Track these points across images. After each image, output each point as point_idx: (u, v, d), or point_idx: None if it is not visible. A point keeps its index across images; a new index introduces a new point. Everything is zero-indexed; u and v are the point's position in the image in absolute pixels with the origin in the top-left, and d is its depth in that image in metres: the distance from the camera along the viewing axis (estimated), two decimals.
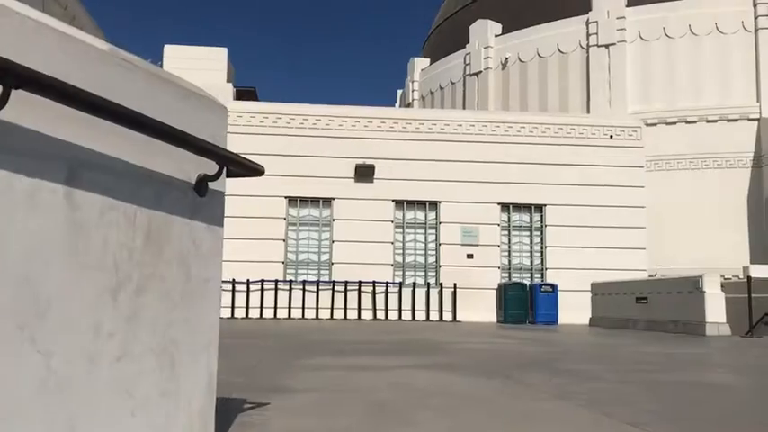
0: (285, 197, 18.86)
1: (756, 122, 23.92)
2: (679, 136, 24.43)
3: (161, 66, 23.32)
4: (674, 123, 24.64)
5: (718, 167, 24.07)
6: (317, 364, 5.55)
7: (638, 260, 19.32)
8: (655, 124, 24.27)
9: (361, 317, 18.29)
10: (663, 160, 24.01)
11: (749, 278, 12.49)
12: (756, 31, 24.11)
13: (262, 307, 18.07)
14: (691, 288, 13.02)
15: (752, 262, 22.76)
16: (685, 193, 23.67)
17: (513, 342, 9.46)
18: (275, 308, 18.10)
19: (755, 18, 23.81)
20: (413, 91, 35.74)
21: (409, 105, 35.86)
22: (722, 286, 13.16)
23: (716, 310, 12.56)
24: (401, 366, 5.50)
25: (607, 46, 25.96)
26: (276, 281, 18.31)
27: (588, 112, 25.52)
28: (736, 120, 24.13)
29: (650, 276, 20.06)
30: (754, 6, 23.73)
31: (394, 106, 40.19)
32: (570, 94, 26.73)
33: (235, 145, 11.56)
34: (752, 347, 9.37)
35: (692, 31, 24.48)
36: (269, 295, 18.22)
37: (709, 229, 23.16)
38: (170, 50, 28.58)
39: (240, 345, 7.54)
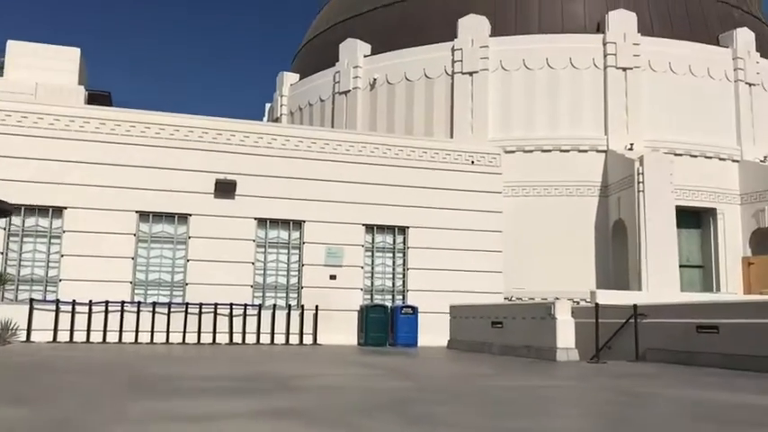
0: (136, 211, 17.63)
1: (604, 154, 25.45)
2: (535, 163, 25.49)
3: (2, 62, 21.23)
4: (531, 151, 25.68)
5: (569, 195, 25.32)
6: (142, 413, 4.90)
7: (495, 283, 19.80)
8: (513, 151, 25.17)
9: (217, 341, 17.37)
10: (520, 186, 24.93)
11: (597, 305, 13.01)
12: (605, 68, 25.74)
13: (105, 330, 16.69)
14: (543, 314, 13.36)
15: (597, 286, 24.09)
16: (540, 219, 24.68)
17: (369, 373, 9.14)
18: (120, 331, 16.79)
19: (605, 56, 25.41)
20: (281, 105, 35.08)
21: (277, 120, 35.17)
22: (572, 312, 13.61)
23: (566, 336, 12.94)
24: (237, 415, 4.96)
25: (471, 73, 26.71)
26: (122, 302, 17.00)
27: (452, 136, 26.08)
28: (586, 150, 25.55)
29: (506, 299, 20.65)
30: (604, 45, 25.31)
31: (262, 120, 39.35)
32: (435, 117, 27.21)
33: (80, 153, 10.74)
34: (597, 376, 9.63)
35: (548, 65, 25.70)
36: (114, 318, 16.87)
37: (561, 254, 24.24)
38: (15, 47, 26.21)
39: (60, 383, 6.69)
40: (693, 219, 25.83)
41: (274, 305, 18.15)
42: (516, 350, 14.09)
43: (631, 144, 25.20)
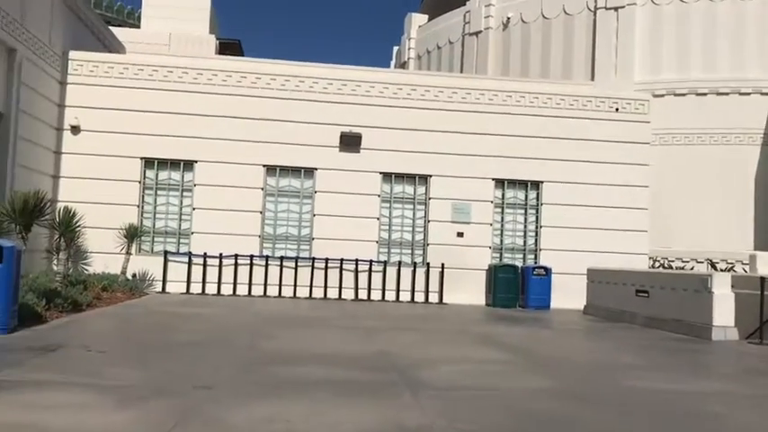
0: (264, 165, 17.51)
1: None
2: (686, 108, 23.05)
3: (140, 14, 21.67)
4: (684, 95, 23.23)
5: (726, 144, 22.76)
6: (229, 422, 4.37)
7: (638, 244, 18.13)
8: (662, 95, 22.85)
9: (342, 296, 17.16)
10: (669, 134, 22.69)
11: (762, 279, 11.32)
12: None
13: (235, 283, 16.90)
14: (698, 286, 11.86)
15: (756, 247, 21.65)
16: (688, 170, 22.42)
17: (502, 359, 8.30)
18: (250, 284, 16.94)
19: None
20: (409, 49, 34.01)
21: (404, 65, 34.18)
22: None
23: (724, 312, 11.42)
24: None
25: (616, 8, 24.34)
26: (251, 256, 17.10)
27: (593, 79, 24.05)
28: (748, 93, 22.74)
29: (650, 259, 18.96)
30: None
31: (389, 65, 38.47)
32: (575, 59, 25.17)
33: (207, 107, 10.33)
34: None
35: None
36: (243, 271, 17.03)
37: (711, 210, 21.97)
38: None
39: (166, 355, 6.39)
40: None
41: (399, 262, 17.63)
42: (663, 323, 12.71)
43: None
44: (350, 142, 17.49)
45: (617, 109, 18.49)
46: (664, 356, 9.26)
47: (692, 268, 19.51)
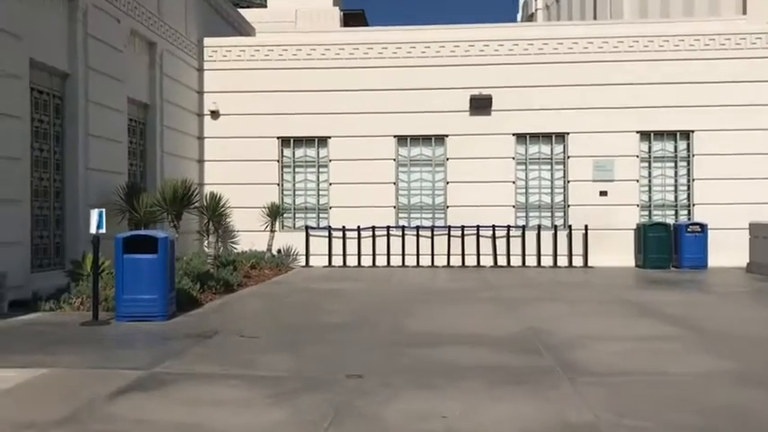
0: (394, 136, 17.40)
1: None
2: None
3: None
4: None
5: None
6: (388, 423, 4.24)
7: None
8: None
9: (481, 263, 16.86)
10: None
11: None
12: None
13: (374, 255, 17.04)
14: None
15: None
16: None
17: (664, 334, 7.70)
18: (388, 255, 17.03)
19: None
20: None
21: (532, 16, 32.74)
22: None
23: None
24: None
25: None
26: (388, 227, 17.16)
27: (744, 12, 21.78)
28: None
29: None
30: None
31: (516, 18, 37.04)
32: None
33: (336, 82, 12.36)
34: None
35: None
36: (381, 242, 17.14)
37: None
38: None
39: (302, 339, 6.42)
40: None
41: (539, 225, 17.00)
42: None
43: None
44: (480, 105, 16.96)
45: None
46: None
47: None
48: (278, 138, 17.55)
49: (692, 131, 16.79)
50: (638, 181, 16.90)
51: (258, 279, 13.78)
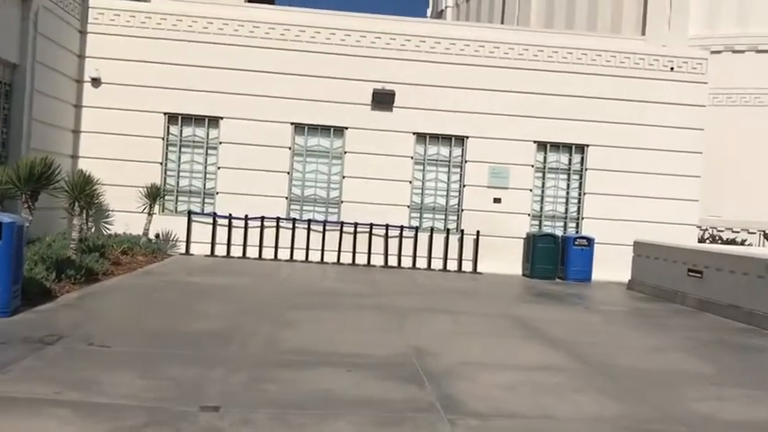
0: (291, 123, 16.58)
1: None
2: (744, 67, 21.43)
3: None
4: (742, 52, 21.57)
5: None
6: None
7: (689, 213, 16.96)
8: (719, 52, 21.23)
9: (371, 262, 16.39)
10: (723, 94, 21.15)
11: None
12: None
13: (261, 246, 16.20)
14: (762, 272, 10.79)
15: None
16: (742, 134, 20.93)
17: (553, 364, 7.44)
18: (276, 248, 16.24)
19: None
20: None
21: (442, 13, 32.59)
22: None
23: None
24: None
25: None
26: (278, 218, 16.35)
27: (644, 33, 22.42)
28: None
29: (699, 229, 17.77)
30: None
31: (425, 13, 36.81)
32: (624, 11, 23.51)
33: (233, 60, 9.68)
34: None
35: None
36: (269, 233, 16.32)
37: None
38: None
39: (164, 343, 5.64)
40: None
41: (432, 228, 16.73)
42: (719, 309, 11.70)
43: None
44: (382, 100, 16.44)
45: (672, 68, 17.07)
46: (733, 359, 8.31)
47: (743, 241, 18.29)
48: (165, 114, 16.30)
49: (587, 146, 17.00)
50: (531, 190, 16.95)
51: (129, 267, 12.64)
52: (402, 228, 16.52)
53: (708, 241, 17.77)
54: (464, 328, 9.04)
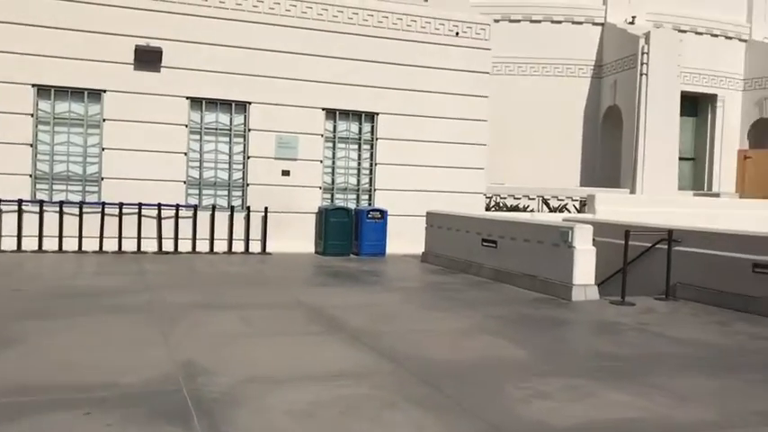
0: (33, 85, 13.70)
1: (601, 27, 22.08)
2: (521, 36, 22.04)
3: None
4: (518, 21, 22.15)
5: (558, 75, 22.16)
6: None
7: (477, 182, 16.90)
8: (497, 20, 21.55)
9: (142, 248, 14.20)
10: (503, 63, 21.57)
11: (627, 233, 10.26)
12: None
13: None
14: (557, 240, 10.57)
15: (582, 183, 21.57)
16: (523, 102, 21.60)
17: (358, 359, 6.25)
18: (19, 237, 13.43)
19: None
20: None
21: None
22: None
23: (586, 270, 10.24)
24: None
25: None
26: (20, 200, 13.50)
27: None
28: (581, 22, 22.12)
29: (485, 197, 17.87)
30: None
31: None
32: None
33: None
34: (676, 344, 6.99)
35: None
36: (9, 219, 13.43)
37: (546, 145, 21.44)
38: None
39: None
40: (691, 105, 23.12)
41: (213, 206, 14.90)
42: (514, 278, 11.42)
43: (633, 17, 21.82)
44: (147, 59, 14.15)
45: (457, 33, 16.75)
46: (542, 338, 7.73)
47: (526, 207, 18.77)
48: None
49: (377, 114, 16.15)
50: (322, 162, 15.77)
51: None
52: (178, 207, 14.50)
53: (494, 209, 17.94)
54: (250, 328, 7.54)
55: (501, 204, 19.00)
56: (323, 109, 15.63)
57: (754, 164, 22.57)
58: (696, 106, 23.30)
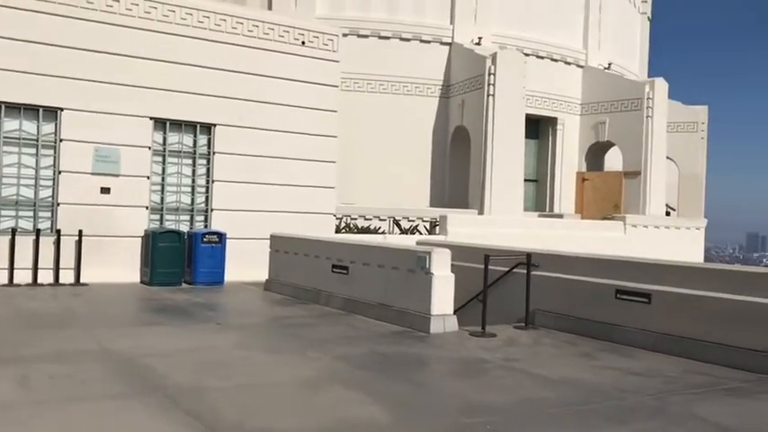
0: None
1: (448, 47, 21.90)
2: (371, 52, 21.32)
3: None
4: (367, 37, 21.41)
5: (407, 94, 21.65)
6: None
7: (327, 202, 15.75)
8: (345, 35, 20.67)
9: None
10: (351, 79, 20.69)
11: (487, 258, 9.50)
12: None
13: None
14: (413, 266, 9.60)
15: (432, 204, 21.15)
16: (373, 121, 20.85)
17: None
18: None
19: None
20: None
21: None
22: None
23: (444, 299, 9.34)
24: None
25: None
26: None
27: (270, 8, 20.85)
28: (429, 41, 21.81)
29: (336, 218, 16.76)
30: None
31: None
32: None
33: None
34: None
35: None
36: None
37: (396, 164, 20.79)
38: None
39: None
40: (533, 128, 23.52)
41: (14, 229, 12.52)
42: (367, 309, 10.32)
43: (479, 38, 21.82)
44: None
45: (303, 42, 15.59)
46: (402, 387, 6.61)
47: (377, 228, 17.88)
48: None
49: (214, 125, 14.54)
50: (149, 178, 13.87)
51: None
52: None
53: (344, 230, 16.85)
54: (30, 394, 5.76)
55: (352, 226, 17.95)
56: (151, 118, 13.78)
57: (592, 186, 23.34)
58: (537, 129, 23.77)
